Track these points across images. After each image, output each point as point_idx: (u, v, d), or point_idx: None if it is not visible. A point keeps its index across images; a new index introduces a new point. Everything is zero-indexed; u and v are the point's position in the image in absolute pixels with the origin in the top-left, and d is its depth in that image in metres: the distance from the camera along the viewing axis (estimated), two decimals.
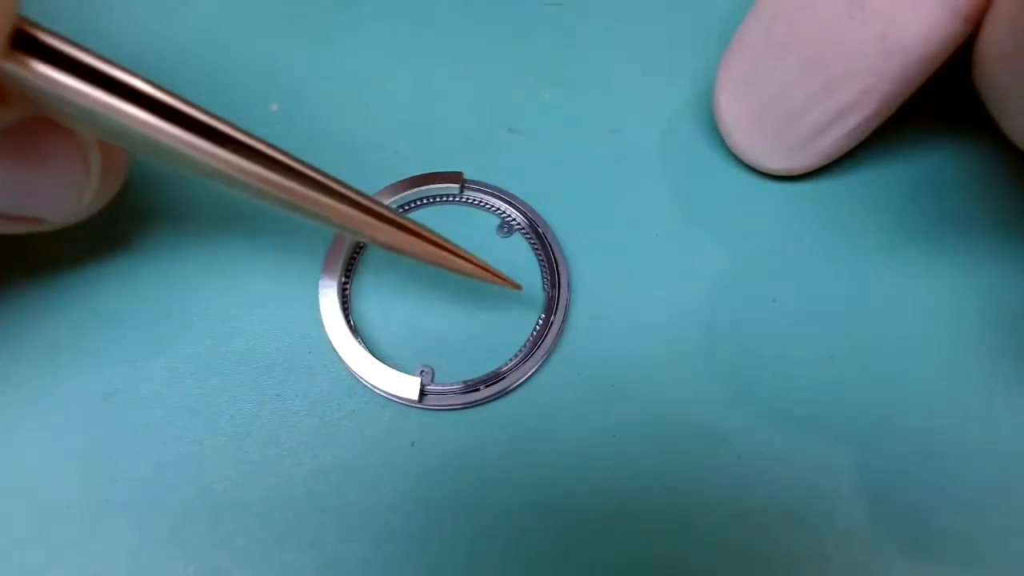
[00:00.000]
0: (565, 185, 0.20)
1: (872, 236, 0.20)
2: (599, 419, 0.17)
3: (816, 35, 0.16)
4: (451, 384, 0.17)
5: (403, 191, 0.20)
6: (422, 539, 0.16)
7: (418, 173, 0.20)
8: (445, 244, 0.16)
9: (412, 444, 0.17)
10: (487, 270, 0.17)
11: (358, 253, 0.19)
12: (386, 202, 0.19)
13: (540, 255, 0.19)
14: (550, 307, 0.18)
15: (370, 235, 0.15)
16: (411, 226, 0.15)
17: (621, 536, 0.16)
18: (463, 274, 0.17)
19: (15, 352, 0.18)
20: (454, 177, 0.20)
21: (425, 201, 0.20)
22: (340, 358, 0.17)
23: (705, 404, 0.18)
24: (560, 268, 0.19)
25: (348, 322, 0.18)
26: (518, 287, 0.18)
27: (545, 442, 0.17)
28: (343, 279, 0.19)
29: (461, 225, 0.20)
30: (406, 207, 0.20)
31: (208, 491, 0.17)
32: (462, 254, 0.16)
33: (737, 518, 0.16)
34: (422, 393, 0.17)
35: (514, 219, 0.20)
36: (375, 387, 0.17)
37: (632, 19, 0.23)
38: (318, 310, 0.18)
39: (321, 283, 0.18)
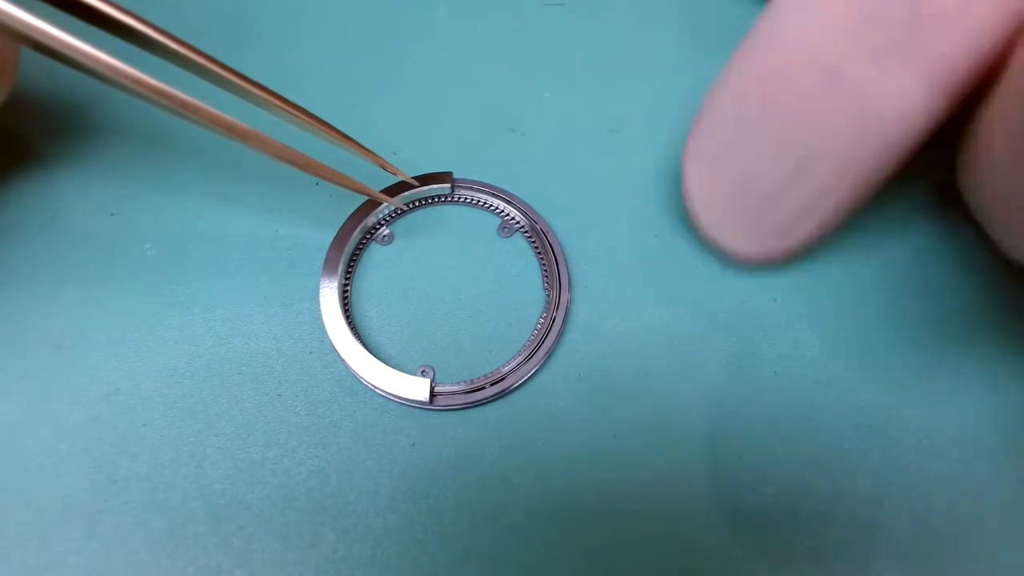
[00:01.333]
0: (565, 185, 0.20)
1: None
2: (599, 419, 0.17)
3: (790, 110, 0.15)
4: (455, 384, 0.17)
5: (396, 194, 0.20)
6: (422, 539, 0.16)
7: (413, 175, 0.20)
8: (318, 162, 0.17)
9: (412, 444, 0.17)
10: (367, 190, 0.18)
11: (358, 253, 0.19)
12: (382, 205, 0.19)
13: (540, 254, 0.19)
14: (551, 306, 0.18)
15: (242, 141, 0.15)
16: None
17: (621, 535, 0.16)
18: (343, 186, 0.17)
19: (16, 352, 0.18)
20: (444, 177, 0.20)
21: (420, 203, 0.20)
22: (342, 359, 0.17)
23: (705, 404, 0.18)
24: (560, 267, 0.19)
25: (349, 323, 0.18)
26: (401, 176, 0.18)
27: (545, 442, 0.17)
28: (343, 280, 0.19)
29: (460, 226, 0.20)
30: (400, 210, 0.20)
31: (208, 491, 0.17)
32: (338, 174, 0.17)
33: (737, 518, 0.16)
34: (432, 394, 0.17)
35: (514, 219, 0.20)
36: (381, 389, 0.17)
37: (632, 19, 0.23)
38: (319, 310, 0.18)
39: (321, 283, 0.18)
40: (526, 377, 0.18)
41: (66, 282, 0.19)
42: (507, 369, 0.18)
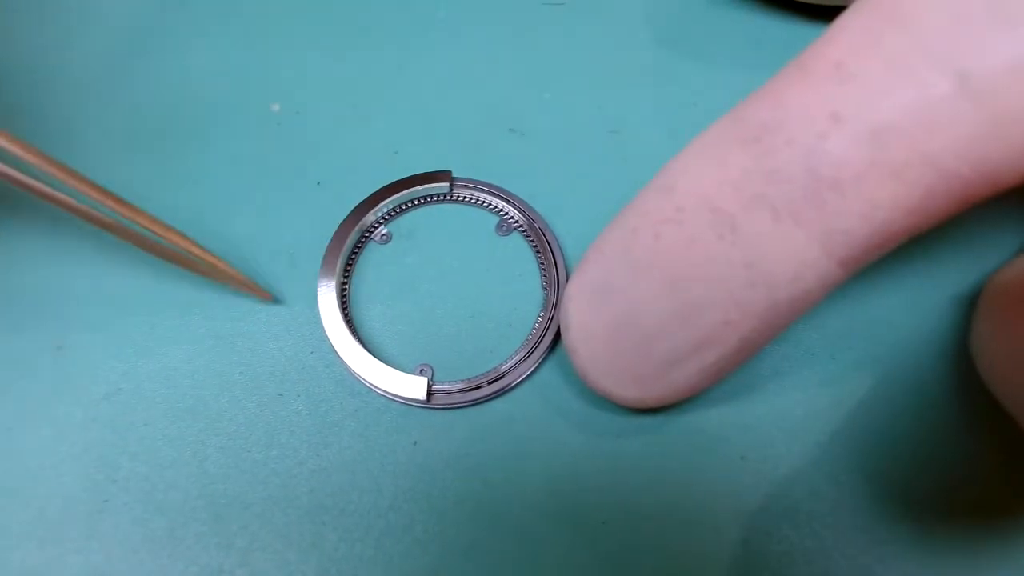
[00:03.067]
0: (565, 185, 0.20)
1: None
2: (600, 417, 0.17)
3: (680, 253, 0.14)
4: (454, 383, 0.17)
5: (394, 193, 0.20)
6: (423, 539, 0.16)
7: (412, 174, 0.20)
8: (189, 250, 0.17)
9: (414, 444, 0.17)
10: (235, 275, 0.18)
11: (356, 252, 0.19)
12: (379, 205, 0.19)
13: (539, 252, 0.19)
14: (549, 305, 0.18)
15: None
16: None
17: (622, 535, 0.16)
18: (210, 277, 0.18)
19: (16, 352, 0.18)
20: (443, 176, 0.20)
21: (418, 202, 0.20)
22: (340, 359, 0.17)
23: (707, 403, 0.18)
24: (559, 265, 0.19)
25: (347, 322, 0.18)
26: (266, 296, 0.18)
27: (545, 441, 0.17)
28: (341, 279, 0.19)
29: (458, 225, 0.20)
30: (398, 209, 0.20)
31: (209, 491, 0.17)
32: (211, 259, 0.17)
33: (738, 518, 0.16)
34: (429, 393, 0.17)
35: (512, 217, 0.20)
36: (379, 388, 0.17)
37: (632, 19, 0.23)
38: (319, 310, 0.18)
39: (319, 283, 0.18)
40: (525, 375, 0.18)
41: (66, 282, 0.19)
42: (506, 367, 0.17)
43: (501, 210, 0.20)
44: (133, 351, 0.18)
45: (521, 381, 0.18)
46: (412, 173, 0.20)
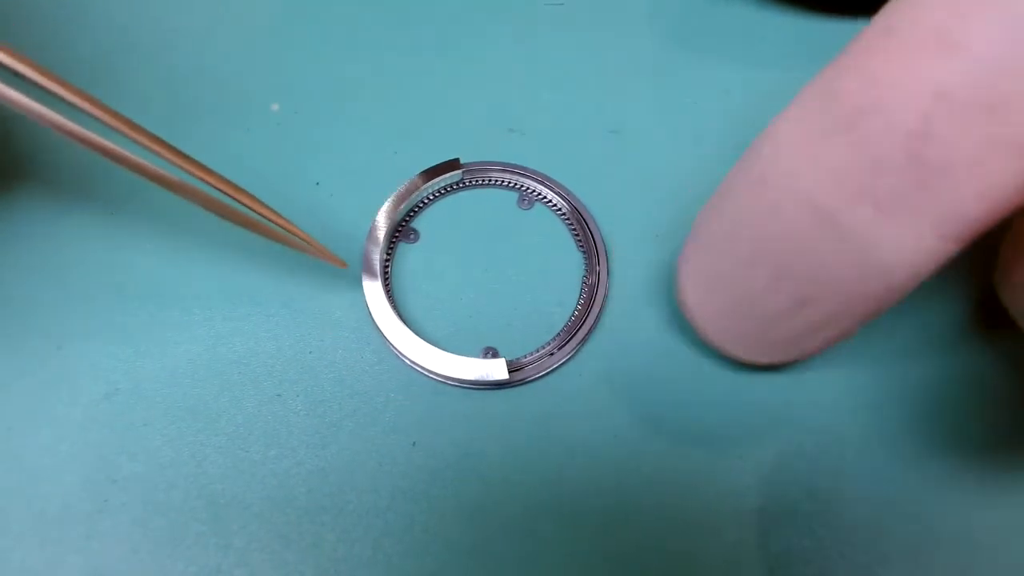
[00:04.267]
0: (565, 185, 0.20)
1: None
2: (598, 418, 0.17)
3: (785, 247, 0.14)
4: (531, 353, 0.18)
5: (410, 194, 0.20)
6: (422, 539, 0.16)
7: (414, 174, 0.20)
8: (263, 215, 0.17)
9: (413, 444, 0.17)
10: (309, 241, 0.17)
11: (390, 255, 0.19)
12: (403, 205, 0.20)
13: (579, 237, 0.20)
14: (588, 292, 0.19)
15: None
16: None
17: (620, 534, 0.16)
18: (285, 244, 0.17)
19: (16, 352, 0.18)
20: (453, 164, 0.20)
21: (434, 196, 0.20)
22: (396, 351, 0.18)
23: (706, 403, 0.18)
24: (600, 252, 0.19)
25: (405, 323, 0.18)
26: (341, 264, 0.18)
27: (544, 441, 0.17)
28: (384, 263, 0.19)
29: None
30: (417, 208, 0.20)
31: (208, 491, 0.17)
32: (283, 223, 0.17)
33: (736, 517, 0.16)
34: (511, 371, 0.17)
35: (533, 191, 0.20)
36: (452, 377, 0.17)
37: (632, 19, 0.23)
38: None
39: (366, 291, 0.18)
40: (558, 364, 0.18)
41: (66, 282, 0.19)
42: (527, 360, 0.18)
43: (520, 186, 0.20)
44: (133, 351, 0.18)
45: (538, 377, 0.18)
46: (415, 172, 0.20)
